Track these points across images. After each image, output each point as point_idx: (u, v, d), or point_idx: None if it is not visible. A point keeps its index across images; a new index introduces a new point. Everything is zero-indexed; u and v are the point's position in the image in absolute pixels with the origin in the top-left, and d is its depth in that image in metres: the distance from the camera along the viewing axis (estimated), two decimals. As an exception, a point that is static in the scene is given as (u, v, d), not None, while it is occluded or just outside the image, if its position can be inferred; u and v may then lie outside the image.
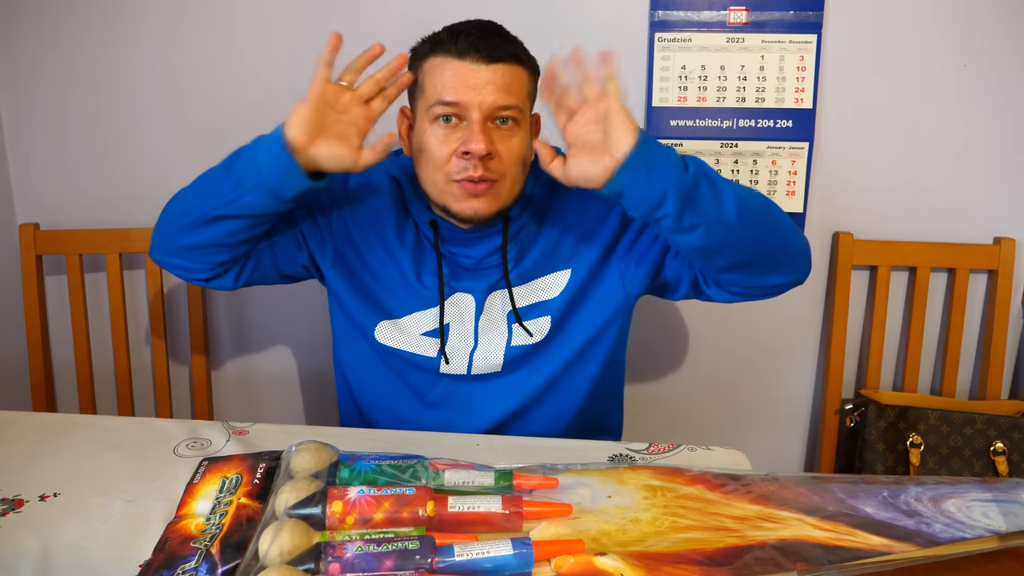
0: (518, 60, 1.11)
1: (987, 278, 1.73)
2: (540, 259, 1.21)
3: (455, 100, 1.08)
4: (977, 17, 1.60)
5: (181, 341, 1.87)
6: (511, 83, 1.09)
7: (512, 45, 1.12)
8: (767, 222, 1.09)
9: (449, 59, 1.09)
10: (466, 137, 1.08)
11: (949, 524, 0.88)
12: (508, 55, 1.09)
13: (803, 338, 1.80)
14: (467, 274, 1.21)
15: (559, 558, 0.82)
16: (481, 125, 1.07)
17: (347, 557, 0.79)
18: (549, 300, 1.21)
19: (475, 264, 1.20)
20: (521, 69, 1.11)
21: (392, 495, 0.88)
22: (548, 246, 1.21)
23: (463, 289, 1.21)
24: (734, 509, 0.92)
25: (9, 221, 1.80)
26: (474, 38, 1.08)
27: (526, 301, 1.21)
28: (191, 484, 0.99)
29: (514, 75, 1.10)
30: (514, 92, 1.10)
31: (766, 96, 1.66)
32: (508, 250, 1.19)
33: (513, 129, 1.11)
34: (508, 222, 1.17)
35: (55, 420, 1.21)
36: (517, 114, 1.10)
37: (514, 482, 0.94)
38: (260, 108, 1.72)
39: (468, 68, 1.08)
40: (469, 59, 1.08)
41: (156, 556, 0.86)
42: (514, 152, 1.11)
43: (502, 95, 1.08)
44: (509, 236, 1.18)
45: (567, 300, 1.21)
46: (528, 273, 1.21)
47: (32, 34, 1.71)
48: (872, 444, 1.65)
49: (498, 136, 1.10)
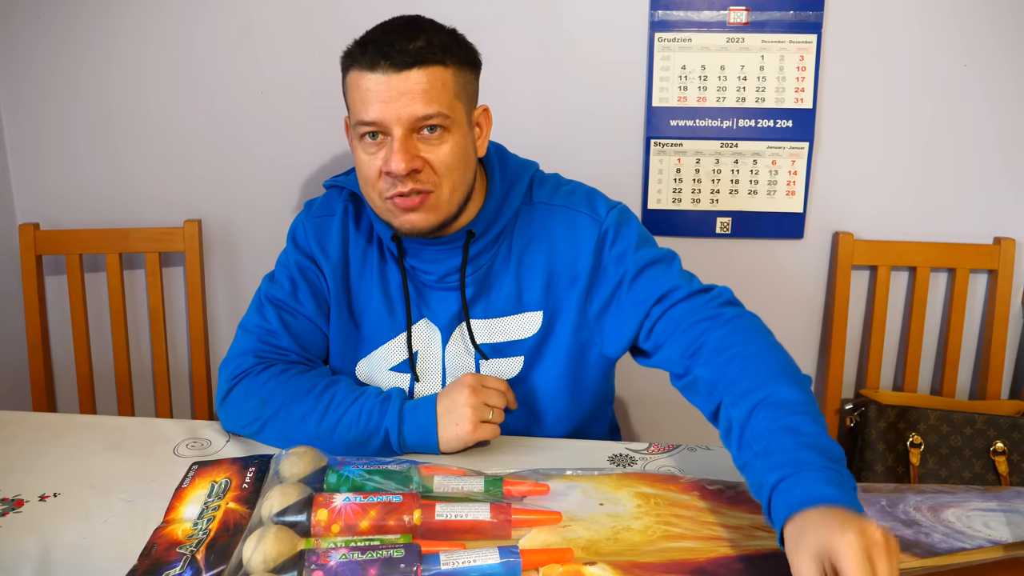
0: (435, 59, 1.02)
1: (987, 278, 1.73)
2: (509, 296, 1.15)
3: (374, 119, 1.01)
4: (977, 17, 1.60)
5: (181, 341, 1.87)
6: (430, 88, 1.01)
7: (427, 44, 1.02)
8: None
9: (362, 73, 1.02)
10: (387, 156, 1.02)
11: (948, 534, 0.87)
12: (420, 58, 1.01)
13: (803, 338, 1.80)
14: (432, 295, 1.16)
15: (547, 567, 0.82)
16: (402, 142, 1.01)
17: (331, 565, 0.79)
18: (521, 340, 1.16)
19: (437, 282, 1.15)
20: (441, 68, 1.02)
21: (379, 503, 0.87)
22: (516, 281, 1.16)
23: (430, 316, 1.17)
24: (728, 518, 0.91)
25: (9, 221, 1.80)
26: (382, 44, 1.01)
27: (496, 337, 1.16)
28: (180, 488, 0.99)
29: (433, 77, 1.01)
30: (435, 97, 1.01)
31: (766, 96, 1.66)
32: (471, 272, 1.14)
33: (442, 135, 1.03)
34: (471, 238, 1.12)
35: (55, 420, 1.21)
36: (443, 120, 1.02)
37: (504, 488, 0.93)
38: (260, 108, 1.73)
39: (380, 80, 1.00)
40: (380, 70, 1.00)
41: (141, 562, 0.86)
42: (446, 160, 1.04)
43: (420, 104, 1.00)
44: (471, 256, 1.13)
45: (539, 342, 1.16)
46: (497, 308, 1.16)
47: (32, 34, 1.71)
48: (872, 444, 1.65)
49: (425, 146, 1.03)
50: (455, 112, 1.04)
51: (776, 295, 1.76)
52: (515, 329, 1.16)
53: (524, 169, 1.18)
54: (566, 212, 1.15)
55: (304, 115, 1.71)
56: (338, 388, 1.11)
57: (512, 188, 1.15)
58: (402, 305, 1.17)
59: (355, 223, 1.19)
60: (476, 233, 1.12)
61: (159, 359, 1.78)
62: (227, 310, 1.85)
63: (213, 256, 1.82)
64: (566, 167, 1.33)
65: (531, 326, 1.16)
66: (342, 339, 1.20)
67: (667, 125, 1.68)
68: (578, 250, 1.13)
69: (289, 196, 1.76)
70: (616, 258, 1.13)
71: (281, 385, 1.11)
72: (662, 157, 1.70)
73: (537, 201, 1.16)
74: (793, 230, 1.73)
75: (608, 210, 1.15)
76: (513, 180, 1.16)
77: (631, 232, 1.14)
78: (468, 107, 1.08)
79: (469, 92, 1.08)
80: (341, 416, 1.07)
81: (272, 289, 1.20)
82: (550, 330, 1.16)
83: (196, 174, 1.78)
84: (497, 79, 1.64)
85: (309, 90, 1.69)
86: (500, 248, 1.15)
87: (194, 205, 1.78)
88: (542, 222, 1.15)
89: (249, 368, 1.14)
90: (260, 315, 1.18)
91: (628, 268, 1.12)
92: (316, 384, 1.11)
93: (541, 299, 1.15)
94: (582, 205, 1.15)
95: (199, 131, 1.74)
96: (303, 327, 1.18)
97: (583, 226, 1.14)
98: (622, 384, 1.66)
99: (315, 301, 1.19)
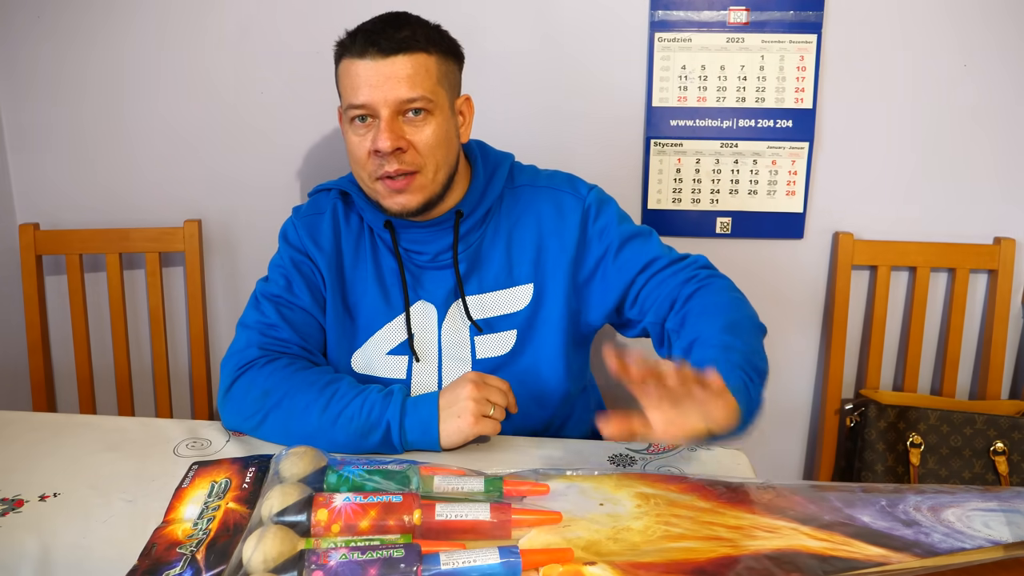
0: (419, 47, 1.11)
1: (987, 278, 1.73)
2: (500, 270, 1.22)
3: (363, 102, 1.10)
4: (977, 17, 1.60)
5: (181, 341, 1.87)
6: (414, 73, 1.10)
7: (412, 33, 1.11)
8: (759, 343, 1.11)
9: (352, 60, 1.11)
10: (375, 136, 1.11)
11: (948, 534, 0.86)
12: (405, 45, 1.10)
13: (803, 338, 1.80)
14: (426, 276, 1.22)
15: (547, 567, 0.81)
16: (388, 122, 1.10)
17: (331, 565, 0.78)
18: (513, 314, 1.22)
19: (430, 262, 1.22)
20: (425, 56, 1.11)
21: (378, 503, 0.87)
22: (507, 256, 1.23)
23: (426, 296, 1.22)
24: (728, 518, 0.91)
25: (9, 221, 1.80)
26: (370, 33, 1.10)
27: (489, 312, 1.22)
28: (180, 488, 0.99)
29: (417, 63, 1.10)
30: (419, 82, 1.10)
31: (766, 96, 1.66)
32: (463, 249, 1.21)
33: (426, 118, 1.12)
34: (460, 217, 1.19)
35: (55, 420, 1.21)
36: (426, 103, 1.11)
37: (504, 488, 0.93)
38: (260, 108, 1.73)
39: (368, 66, 1.10)
40: (368, 56, 1.09)
41: (141, 562, 0.85)
42: (429, 141, 1.12)
43: (405, 88, 1.09)
44: (461, 234, 1.20)
45: (530, 314, 1.22)
46: (490, 283, 1.22)
47: (33, 34, 1.71)
48: (872, 444, 1.65)
49: (410, 128, 1.12)
50: (437, 97, 1.13)
51: (776, 295, 1.76)
52: (507, 303, 1.22)
53: (504, 158, 1.27)
54: (551, 192, 1.24)
55: (304, 115, 1.71)
56: (342, 383, 1.13)
57: (495, 173, 1.24)
58: (397, 289, 1.22)
59: (345, 218, 1.25)
60: (464, 213, 1.20)
61: (159, 359, 1.78)
62: (227, 310, 1.85)
63: (213, 256, 1.82)
64: (566, 167, 1.34)
65: (523, 299, 1.22)
66: (338, 331, 1.23)
67: (667, 125, 1.68)
68: (564, 225, 1.22)
69: (289, 196, 1.76)
70: (599, 231, 1.22)
71: (285, 378, 1.13)
72: (662, 157, 1.70)
73: (520, 184, 1.25)
74: (793, 230, 1.73)
75: (588, 190, 1.25)
76: (495, 166, 1.24)
77: (611, 209, 1.24)
78: (451, 95, 1.17)
79: (451, 81, 1.17)
80: (343, 408, 1.09)
81: (267, 287, 1.23)
82: (540, 302, 1.22)
83: (196, 174, 1.78)
84: (497, 79, 1.65)
85: (309, 90, 1.69)
86: (488, 226, 1.23)
87: (194, 205, 1.78)
88: (528, 201, 1.24)
89: (254, 360, 1.16)
90: (258, 311, 1.21)
91: (612, 240, 1.21)
92: (320, 378, 1.14)
93: (531, 272, 1.22)
94: (565, 186, 1.25)
95: (199, 131, 1.74)
96: (301, 319, 1.22)
97: (567, 204, 1.23)
98: (622, 385, 1.66)
99: (311, 293, 1.23)
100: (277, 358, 1.17)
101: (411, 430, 1.08)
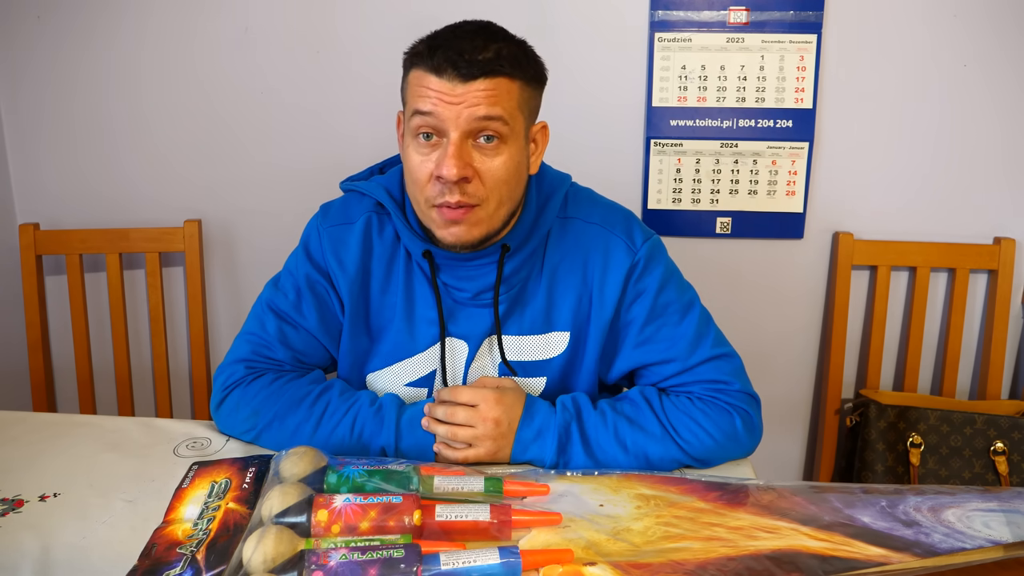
0: (503, 72, 0.99)
1: (987, 278, 1.73)
2: (539, 314, 1.13)
3: (430, 110, 0.98)
4: (976, 17, 1.60)
5: (181, 341, 1.87)
6: (493, 94, 0.98)
7: (496, 55, 0.99)
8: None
9: (427, 74, 0.99)
10: (440, 159, 0.99)
11: (948, 534, 0.86)
12: (488, 70, 0.98)
13: (803, 338, 1.80)
14: (462, 313, 1.13)
15: (548, 568, 0.81)
16: (457, 146, 0.98)
17: (331, 565, 0.78)
18: (547, 360, 1.14)
19: (471, 299, 1.12)
20: (507, 80, 1.00)
21: (379, 504, 0.87)
22: (547, 300, 1.13)
23: (457, 333, 1.14)
24: (728, 519, 0.91)
25: (9, 221, 1.80)
26: (452, 52, 0.98)
27: (523, 356, 1.14)
28: (180, 488, 0.99)
29: (498, 86, 0.99)
30: (498, 102, 0.99)
31: (766, 96, 1.66)
32: (505, 290, 1.11)
33: (498, 147, 1.00)
34: (505, 252, 1.09)
35: (55, 420, 1.21)
36: (501, 127, 0.99)
37: (504, 489, 0.93)
38: (260, 108, 1.73)
39: (444, 85, 0.98)
40: (446, 76, 0.98)
41: (142, 562, 0.85)
42: (497, 174, 1.01)
43: (482, 106, 0.98)
44: (505, 274, 1.10)
45: (564, 363, 1.15)
46: (527, 326, 1.14)
47: (32, 35, 1.71)
48: (872, 444, 1.65)
49: (479, 156, 1.00)
50: (515, 122, 1.01)
51: (776, 295, 1.76)
52: (542, 349, 1.14)
53: (559, 183, 1.15)
54: (602, 232, 1.13)
55: (304, 115, 1.71)
56: (331, 395, 1.09)
57: (547, 203, 1.12)
58: (426, 325, 1.14)
59: (379, 233, 1.14)
60: (511, 247, 1.09)
61: (159, 359, 1.78)
62: (227, 310, 1.85)
63: (213, 256, 1.82)
64: (566, 167, 1.33)
65: (558, 346, 1.14)
66: (355, 352, 1.16)
67: (667, 125, 1.68)
68: (608, 278, 1.12)
69: (289, 196, 1.76)
70: (637, 295, 1.12)
71: (273, 395, 1.10)
72: (662, 157, 1.70)
73: (572, 216, 1.14)
74: (793, 230, 1.73)
75: (644, 241, 1.13)
76: (549, 194, 1.13)
77: (658, 270, 1.13)
78: (528, 121, 1.05)
79: (531, 107, 1.06)
80: (334, 428, 1.06)
81: (276, 297, 1.16)
82: (576, 352, 1.15)
83: (196, 174, 1.78)
84: (497, 79, 1.65)
85: (309, 90, 1.69)
86: (534, 263, 1.13)
87: (194, 205, 1.78)
88: (577, 238, 1.13)
89: (240, 379, 1.12)
90: (260, 323, 1.15)
91: (641, 311, 1.12)
92: (309, 392, 1.09)
93: (569, 320, 1.13)
94: (619, 229, 1.13)
95: (199, 131, 1.74)
96: (303, 340, 1.15)
97: (617, 255, 1.12)
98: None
99: (319, 316, 1.15)
100: (262, 374, 1.13)
101: (408, 452, 1.05)
